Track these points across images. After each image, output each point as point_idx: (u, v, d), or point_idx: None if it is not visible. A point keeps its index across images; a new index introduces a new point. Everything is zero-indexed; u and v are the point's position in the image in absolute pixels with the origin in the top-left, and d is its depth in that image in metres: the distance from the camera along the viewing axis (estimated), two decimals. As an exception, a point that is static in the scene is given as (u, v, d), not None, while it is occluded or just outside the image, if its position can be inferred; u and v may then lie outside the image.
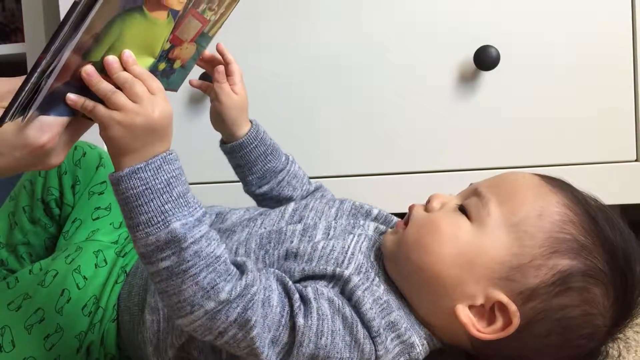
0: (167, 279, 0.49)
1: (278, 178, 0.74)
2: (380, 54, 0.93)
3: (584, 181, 0.58)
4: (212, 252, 0.49)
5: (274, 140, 0.75)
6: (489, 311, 0.54)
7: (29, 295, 0.64)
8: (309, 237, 0.62)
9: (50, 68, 0.44)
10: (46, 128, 0.48)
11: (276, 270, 0.56)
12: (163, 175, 0.49)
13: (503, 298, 0.53)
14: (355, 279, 0.55)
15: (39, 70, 0.43)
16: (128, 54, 0.50)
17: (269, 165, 0.73)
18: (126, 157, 0.50)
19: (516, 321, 0.53)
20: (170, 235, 0.48)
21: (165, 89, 0.53)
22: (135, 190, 0.49)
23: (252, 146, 0.72)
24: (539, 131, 0.92)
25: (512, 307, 0.53)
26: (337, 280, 0.56)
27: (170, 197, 0.49)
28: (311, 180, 0.79)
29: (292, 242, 0.61)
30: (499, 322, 0.53)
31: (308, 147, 0.95)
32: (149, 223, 0.49)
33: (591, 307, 0.53)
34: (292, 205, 0.69)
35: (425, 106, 0.93)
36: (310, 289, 0.54)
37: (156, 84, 0.51)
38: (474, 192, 0.58)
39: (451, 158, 0.94)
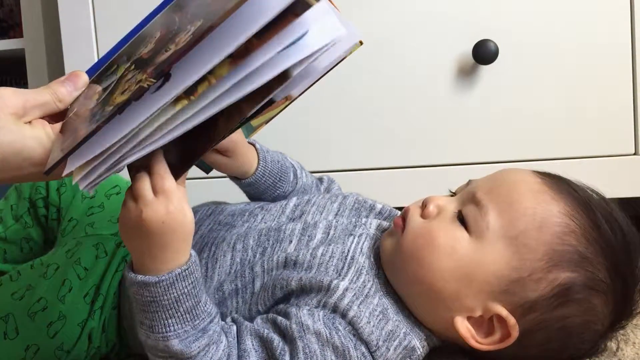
0: None
1: (287, 198, 0.72)
2: (379, 48, 0.93)
3: (582, 175, 0.59)
4: None
5: (280, 159, 0.72)
6: (487, 321, 0.54)
7: (31, 286, 0.64)
8: (309, 236, 0.62)
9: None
10: None
11: (249, 325, 0.55)
12: (173, 293, 0.50)
13: (502, 311, 0.53)
14: (349, 295, 0.55)
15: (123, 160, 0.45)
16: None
17: (278, 192, 0.72)
18: (141, 258, 0.50)
19: (515, 334, 0.53)
20: (167, 348, 0.50)
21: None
22: (143, 299, 0.50)
23: (259, 182, 0.70)
24: (537, 125, 0.92)
25: (511, 320, 0.53)
26: (331, 293, 0.55)
27: (177, 312, 0.50)
28: (323, 176, 0.78)
29: (290, 242, 0.61)
30: (498, 334, 0.54)
31: (308, 142, 0.95)
32: (151, 330, 0.50)
33: (591, 315, 0.53)
34: (293, 200, 0.68)
35: (424, 100, 0.94)
36: (295, 326, 0.53)
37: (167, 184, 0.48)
38: (473, 198, 0.56)
39: (450, 152, 0.94)
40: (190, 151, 0.49)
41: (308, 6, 0.41)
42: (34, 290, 0.64)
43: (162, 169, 0.48)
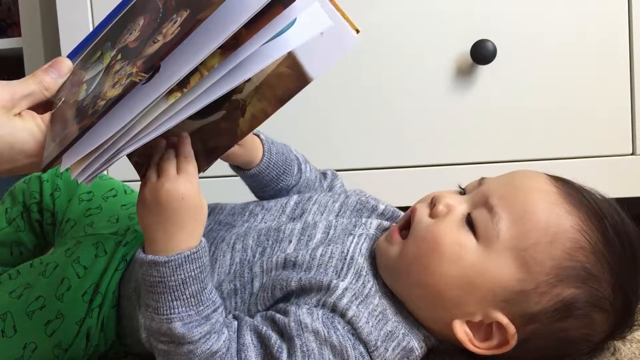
0: (164, 356, 0.53)
1: (291, 193, 0.72)
2: (378, 49, 0.93)
3: (580, 175, 0.58)
4: (209, 349, 0.51)
5: (284, 151, 0.71)
6: (486, 326, 0.54)
7: (30, 285, 0.64)
8: (308, 236, 0.62)
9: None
10: None
11: (249, 321, 0.55)
12: (180, 275, 0.51)
13: (503, 320, 0.53)
14: (348, 295, 0.55)
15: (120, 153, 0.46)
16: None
17: (281, 184, 0.71)
18: (154, 237, 0.52)
19: (513, 342, 0.53)
20: (169, 331, 0.51)
21: None
22: (151, 279, 0.51)
23: (263, 174, 0.69)
24: (535, 125, 0.93)
25: (511, 329, 0.53)
26: (331, 293, 0.55)
27: (182, 294, 0.51)
28: (327, 170, 0.77)
29: (290, 242, 0.61)
30: (496, 340, 0.54)
31: (308, 142, 0.95)
32: (156, 311, 0.51)
33: (591, 329, 0.53)
34: (294, 197, 0.68)
35: (422, 100, 0.94)
36: (293, 324, 0.53)
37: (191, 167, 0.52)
38: (486, 203, 0.55)
39: (449, 152, 0.95)
40: (213, 148, 0.53)
41: None
42: (32, 289, 0.64)
43: (188, 151, 0.52)
